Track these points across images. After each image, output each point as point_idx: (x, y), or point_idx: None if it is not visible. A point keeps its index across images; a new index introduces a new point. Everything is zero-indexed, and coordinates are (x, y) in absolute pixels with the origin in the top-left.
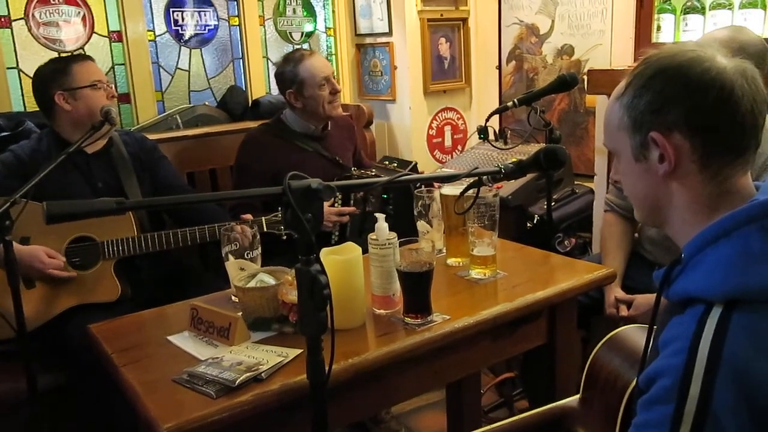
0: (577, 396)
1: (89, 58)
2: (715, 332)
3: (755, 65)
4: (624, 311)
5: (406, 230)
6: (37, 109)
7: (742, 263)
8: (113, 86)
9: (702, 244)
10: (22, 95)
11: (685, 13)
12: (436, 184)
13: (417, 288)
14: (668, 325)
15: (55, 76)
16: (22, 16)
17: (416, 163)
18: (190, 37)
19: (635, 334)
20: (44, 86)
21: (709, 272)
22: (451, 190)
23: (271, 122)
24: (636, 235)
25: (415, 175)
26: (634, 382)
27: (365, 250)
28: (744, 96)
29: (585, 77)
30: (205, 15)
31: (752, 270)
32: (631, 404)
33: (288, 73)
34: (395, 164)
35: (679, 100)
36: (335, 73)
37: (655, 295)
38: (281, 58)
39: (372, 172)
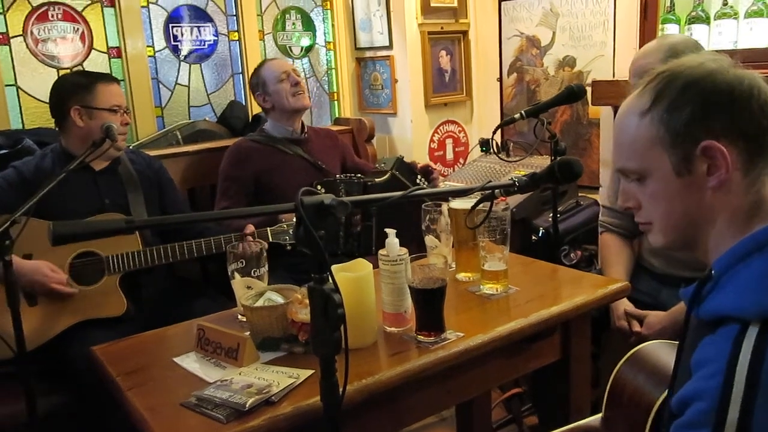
0: (599, 415)
1: (115, 80)
2: (753, 354)
3: None
4: (636, 327)
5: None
6: (36, 126)
7: None
8: (129, 113)
9: (734, 259)
10: (21, 113)
11: (689, 23)
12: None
13: (430, 305)
14: (700, 345)
15: (77, 90)
16: (21, 33)
17: (402, 157)
18: (190, 53)
19: (658, 350)
20: (63, 97)
21: (744, 290)
22: (461, 204)
23: (255, 134)
24: (637, 248)
25: (429, 190)
26: (660, 400)
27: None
28: None
29: (589, 88)
30: (204, 30)
31: None
32: (657, 423)
33: (253, 80)
34: (383, 164)
35: (725, 106)
36: (299, 72)
37: (666, 313)
38: None
39: (356, 176)
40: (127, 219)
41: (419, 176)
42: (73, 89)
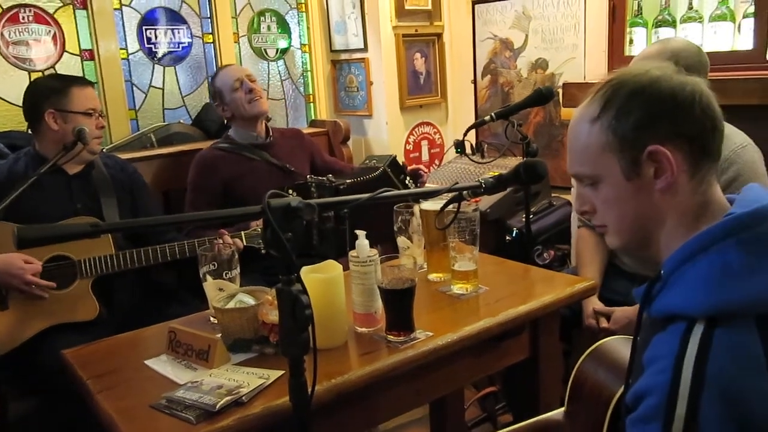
0: (562, 409)
1: (90, 83)
2: (698, 351)
3: (695, 68)
4: (604, 323)
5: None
6: (8, 129)
7: (722, 279)
8: (104, 117)
9: (681, 259)
10: None
11: (656, 27)
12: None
13: (399, 305)
14: (652, 343)
15: (52, 93)
16: None
17: (395, 156)
18: (164, 55)
19: (619, 346)
20: (37, 101)
21: (689, 289)
22: (432, 205)
23: (220, 141)
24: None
25: (396, 191)
26: (618, 394)
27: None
28: (715, 103)
29: (560, 90)
30: (178, 33)
31: (732, 286)
32: (616, 416)
33: (211, 90)
34: (374, 161)
35: (668, 112)
36: (252, 75)
37: (633, 308)
38: None
39: (328, 179)
40: (92, 223)
41: (408, 178)
42: (48, 93)
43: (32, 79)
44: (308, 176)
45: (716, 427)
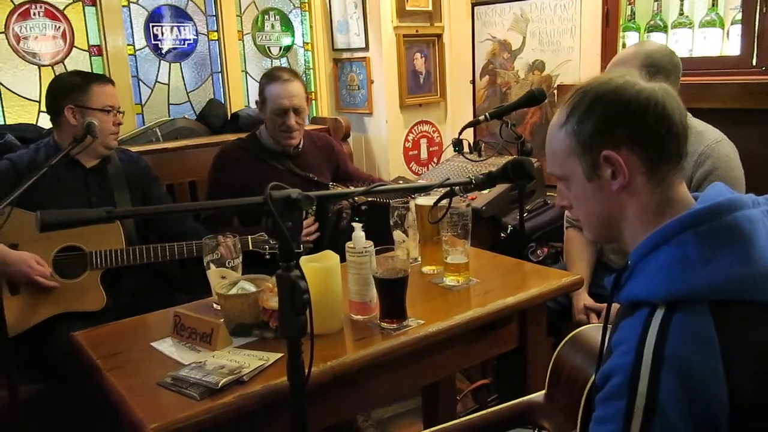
0: (543, 392)
1: (110, 81)
2: (658, 333)
3: (667, 70)
4: (594, 319)
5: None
6: (18, 122)
7: (680, 268)
8: (122, 114)
9: (645, 251)
10: (2, 109)
11: (648, 32)
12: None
13: (393, 294)
14: (619, 327)
15: (72, 89)
16: (2, 30)
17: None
18: (170, 51)
19: (596, 333)
20: (58, 96)
21: (652, 277)
22: (426, 200)
23: (246, 138)
24: (599, 246)
25: (390, 186)
26: (593, 378)
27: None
28: (674, 110)
29: (555, 92)
30: (184, 30)
31: (689, 274)
32: (590, 399)
33: (259, 87)
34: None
35: (623, 119)
36: (303, 107)
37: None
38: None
39: (353, 186)
40: (107, 209)
41: None
42: (69, 88)
43: (56, 75)
44: (330, 183)
45: (673, 400)
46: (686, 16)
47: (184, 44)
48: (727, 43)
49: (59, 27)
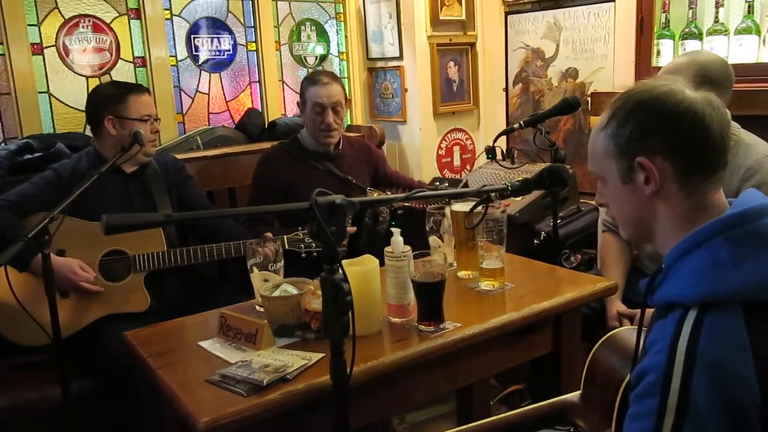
0: (578, 392)
1: (146, 90)
2: (691, 333)
3: (719, 81)
4: (627, 325)
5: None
6: (67, 131)
7: (713, 271)
8: (158, 121)
9: (678, 255)
10: (52, 118)
11: (683, 39)
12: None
13: (430, 297)
14: (654, 328)
15: (110, 101)
16: (53, 43)
17: (467, 181)
18: (210, 62)
19: (630, 335)
20: (97, 108)
21: (684, 280)
22: (462, 206)
23: (288, 141)
24: (635, 251)
25: (428, 192)
26: (627, 378)
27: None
28: (713, 122)
29: (589, 99)
30: (223, 41)
31: (721, 277)
32: (626, 398)
33: (301, 88)
34: (446, 184)
35: (659, 128)
36: (341, 105)
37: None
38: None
39: (391, 189)
40: (165, 213)
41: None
42: (107, 100)
43: (93, 87)
44: (368, 188)
45: (705, 397)
46: (721, 23)
47: (223, 55)
48: (764, 50)
49: (106, 40)
